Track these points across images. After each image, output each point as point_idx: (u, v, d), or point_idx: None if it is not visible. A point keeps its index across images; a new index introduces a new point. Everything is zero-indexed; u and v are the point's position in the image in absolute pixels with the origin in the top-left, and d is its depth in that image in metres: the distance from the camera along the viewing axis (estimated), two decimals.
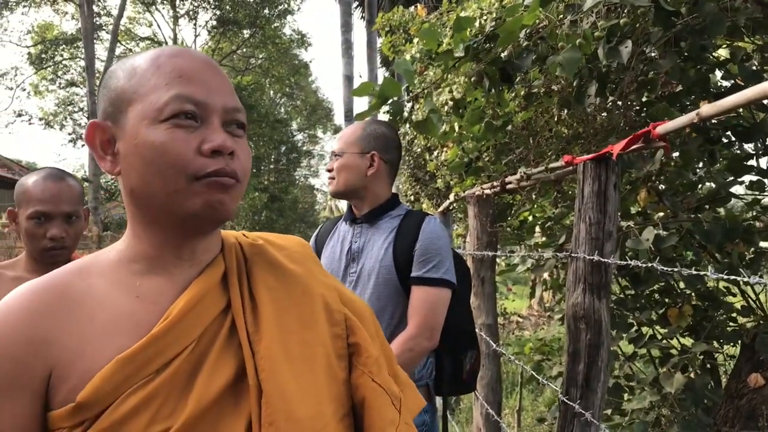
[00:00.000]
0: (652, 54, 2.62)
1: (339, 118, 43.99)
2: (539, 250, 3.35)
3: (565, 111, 2.97)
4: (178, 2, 30.09)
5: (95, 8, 26.28)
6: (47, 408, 0.82)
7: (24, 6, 27.05)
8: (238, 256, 0.99)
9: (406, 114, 2.92)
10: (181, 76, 0.88)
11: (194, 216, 0.87)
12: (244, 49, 34.13)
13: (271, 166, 42.04)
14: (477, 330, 3.21)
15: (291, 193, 42.92)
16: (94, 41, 26.05)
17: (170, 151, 0.85)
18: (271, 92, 41.46)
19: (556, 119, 3.03)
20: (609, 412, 3.14)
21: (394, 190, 2.24)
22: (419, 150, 8.60)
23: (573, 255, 2.08)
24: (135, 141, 0.86)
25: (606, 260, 1.99)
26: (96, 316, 0.85)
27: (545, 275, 4.18)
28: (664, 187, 2.96)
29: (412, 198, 10.94)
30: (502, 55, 2.54)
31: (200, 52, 0.94)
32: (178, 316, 0.85)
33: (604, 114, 3.03)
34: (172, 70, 0.89)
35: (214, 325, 0.89)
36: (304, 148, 41.42)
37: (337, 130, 39.76)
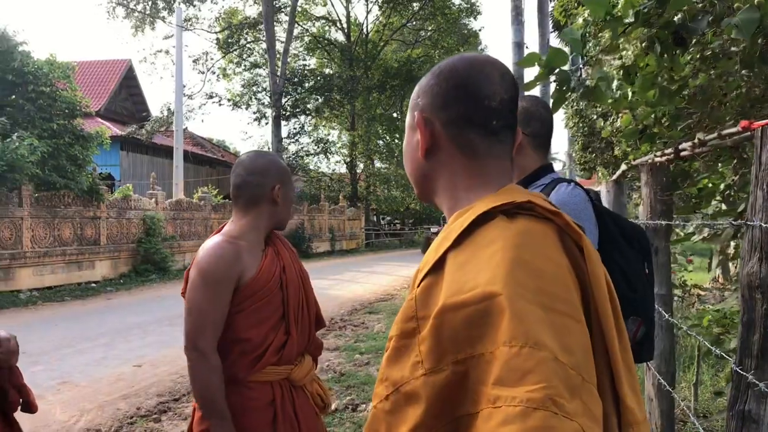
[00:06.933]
0: None
1: None
2: (716, 219, 3.20)
3: (743, 73, 2.82)
4: None
5: None
6: None
7: None
8: None
9: (573, 83, 2.91)
10: None
11: None
12: (414, 22, 34.47)
13: None
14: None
15: None
16: (274, 23, 27.54)
17: None
18: None
19: (733, 82, 2.89)
20: None
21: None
22: (594, 117, 8.31)
23: (749, 223, 2.02)
24: None
25: None
26: None
27: (732, 245, 3.97)
28: None
29: (585, 167, 10.58)
30: (675, 18, 2.48)
31: None
32: None
33: None
34: None
35: None
36: None
37: None
